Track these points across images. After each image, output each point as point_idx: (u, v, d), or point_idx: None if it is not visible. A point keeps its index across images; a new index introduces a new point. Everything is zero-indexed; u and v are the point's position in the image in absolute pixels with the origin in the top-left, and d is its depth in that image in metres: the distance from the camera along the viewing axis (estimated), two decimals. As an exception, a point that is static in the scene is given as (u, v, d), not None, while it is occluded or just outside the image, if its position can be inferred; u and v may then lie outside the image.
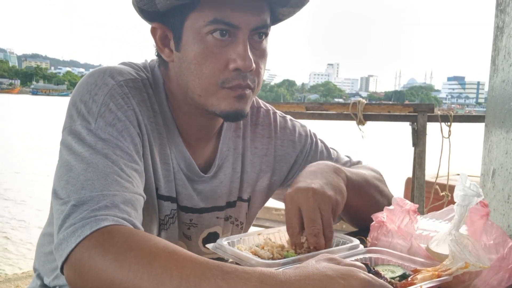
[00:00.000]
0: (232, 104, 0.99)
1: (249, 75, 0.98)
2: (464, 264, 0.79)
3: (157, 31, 1.03)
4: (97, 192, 0.84)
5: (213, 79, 0.97)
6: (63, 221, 0.82)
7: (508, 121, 1.79)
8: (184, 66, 0.99)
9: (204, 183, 1.14)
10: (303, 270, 0.69)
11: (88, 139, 0.91)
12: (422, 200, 3.66)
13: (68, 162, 0.89)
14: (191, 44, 0.97)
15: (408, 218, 1.03)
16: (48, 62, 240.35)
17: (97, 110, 0.94)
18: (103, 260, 0.74)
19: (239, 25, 0.95)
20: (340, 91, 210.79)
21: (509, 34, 1.84)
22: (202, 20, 0.94)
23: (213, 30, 0.94)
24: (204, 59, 0.96)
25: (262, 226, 4.18)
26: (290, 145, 1.25)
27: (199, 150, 1.13)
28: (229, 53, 0.96)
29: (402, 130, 3.81)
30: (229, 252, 0.96)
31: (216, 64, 0.96)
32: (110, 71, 1.01)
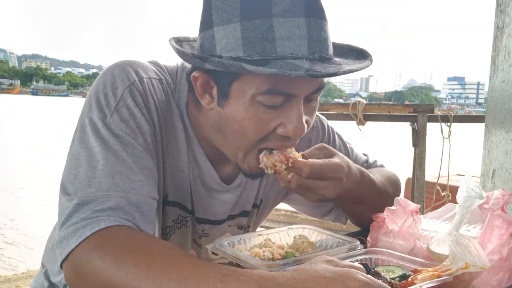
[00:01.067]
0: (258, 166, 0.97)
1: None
2: (464, 265, 0.79)
3: (198, 79, 0.96)
4: (102, 192, 0.83)
5: (254, 141, 0.95)
6: (66, 218, 0.82)
7: (508, 121, 1.79)
8: (225, 123, 0.95)
9: (228, 193, 1.12)
10: (301, 272, 0.69)
11: (102, 132, 0.90)
12: (422, 200, 3.66)
13: (79, 155, 0.89)
14: (240, 106, 0.91)
15: (411, 219, 1.02)
16: (48, 63, 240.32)
17: (114, 104, 0.93)
18: (102, 262, 0.74)
19: (296, 94, 0.90)
20: (340, 91, 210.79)
21: (509, 34, 1.85)
22: (255, 87, 0.88)
23: (268, 100, 0.89)
24: (252, 124, 0.92)
25: (262, 226, 4.17)
26: (306, 143, 1.22)
27: (222, 160, 1.08)
28: (280, 119, 0.91)
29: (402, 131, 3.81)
30: (229, 252, 0.96)
31: (264, 129, 0.93)
32: (136, 66, 0.99)
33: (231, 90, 0.91)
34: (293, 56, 0.85)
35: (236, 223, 1.19)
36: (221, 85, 0.93)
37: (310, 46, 0.86)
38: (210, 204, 1.11)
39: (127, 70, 0.97)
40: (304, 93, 0.91)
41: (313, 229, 1.12)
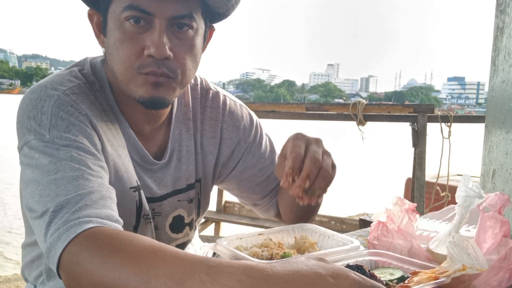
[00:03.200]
0: (149, 91, 0.99)
1: (167, 63, 0.97)
2: (461, 267, 0.79)
3: (93, 17, 1.05)
4: (72, 194, 0.84)
5: (129, 64, 0.97)
6: (47, 229, 0.82)
7: (508, 121, 1.79)
8: (109, 52, 1.01)
9: (161, 170, 1.14)
10: (292, 265, 0.66)
11: (47, 150, 0.90)
12: (422, 200, 3.66)
13: (35, 178, 0.88)
14: (112, 29, 0.98)
15: (407, 218, 1.03)
16: (48, 63, 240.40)
17: (48, 122, 0.93)
18: (91, 264, 0.74)
19: (154, 13, 0.95)
20: (340, 91, 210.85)
21: (509, 34, 1.85)
22: (120, 6, 0.96)
23: (129, 16, 0.95)
24: (121, 44, 0.97)
25: (262, 227, 4.18)
26: (235, 130, 1.24)
27: (152, 138, 1.13)
28: (145, 40, 0.96)
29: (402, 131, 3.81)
30: (227, 252, 0.97)
31: (132, 50, 0.97)
32: (51, 84, 0.99)
33: (108, 17, 0.99)
34: None
35: (186, 197, 1.19)
36: (103, 14, 1.00)
37: None
38: (148, 181, 1.11)
39: (44, 90, 0.98)
40: (164, 14, 0.95)
41: (315, 229, 1.12)
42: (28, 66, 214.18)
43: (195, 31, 1.01)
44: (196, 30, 1.01)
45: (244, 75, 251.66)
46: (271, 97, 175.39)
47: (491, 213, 0.92)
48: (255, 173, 1.26)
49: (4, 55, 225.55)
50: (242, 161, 1.25)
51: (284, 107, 4.24)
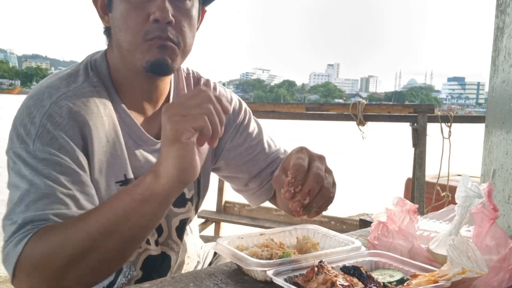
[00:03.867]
0: (156, 54, 1.05)
1: (170, 29, 1.05)
2: (461, 270, 0.78)
3: (97, 1, 1.12)
4: (39, 211, 0.92)
5: (136, 31, 1.04)
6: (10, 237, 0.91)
7: (509, 121, 1.79)
8: (115, 24, 1.08)
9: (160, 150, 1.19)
10: None
11: (29, 161, 0.97)
12: (422, 200, 3.66)
13: (15, 185, 0.97)
14: (118, 3, 1.06)
15: (408, 218, 1.03)
16: (49, 63, 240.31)
17: (34, 132, 0.99)
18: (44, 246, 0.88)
19: None
20: (340, 91, 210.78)
21: (509, 34, 1.85)
22: None
23: None
24: (128, 14, 1.05)
25: (263, 227, 4.18)
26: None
27: (154, 121, 1.19)
28: (149, 7, 1.04)
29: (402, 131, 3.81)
30: (227, 251, 0.97)
31: (138, 17, 1.04)
32: (49, 91, 1.06)
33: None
34: None
35: None
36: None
37: None
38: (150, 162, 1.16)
39: (41, 98, 1.04)
40: None
41: (317, 229, 1.12)
42: (28, 66, 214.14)
43: (192, 3, 1.10)
44: (192, 3, 1.10)
45: (244, 75, 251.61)
46: (271, 97, 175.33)
47: (479, 206, 0.92)
48: (242, 152, 1.31)
49: (4, 55, 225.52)
50: (230, 140, 1.31)
51: (284, 107, 4.24)
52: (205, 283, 0.93)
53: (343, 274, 0.85)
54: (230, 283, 0.94)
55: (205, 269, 1.01)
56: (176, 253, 1.25)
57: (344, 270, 0.86)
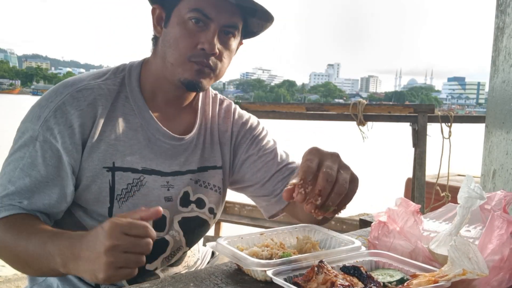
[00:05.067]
0: (193, 75, 1.22)
1: (212, 58, 1.22)
2: (461, 271, 0.78)
3: (156, 11, 1.28)
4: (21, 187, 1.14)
5: (184, 52, 1.21)
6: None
7: (509, 121, 1.79)
8: (166, 40, 1.24)
9: (181, 147, 1.31)
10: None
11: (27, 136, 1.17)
12: (422, 200, 3.66)
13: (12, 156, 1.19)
14: (175, 24, 1.22)
15: (413, 220, 1.02)
16: (49, 63, 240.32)
17: (45, 115, 1.17)
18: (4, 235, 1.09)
19: (213, 18, 1.19)
20: (341, 91, 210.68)
21: (509, 34, 1.84)
22: (187, 7, 1.20)
23: (192, 17, 1.19)
24: (181, 37, 1.21)
25: (263, 227, 4.18)
26: (243, 126, 1.45)
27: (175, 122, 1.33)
28: (200, 37, 1.20)
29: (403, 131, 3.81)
30: (227, 251, 0.97)
31: (189, 42, 1.20)
32: (72, 82, 1.23)
33: (172, 13, 1.23)
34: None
35: (195, 178, 1.33)
36: (168, 11, 1.24)
37: None
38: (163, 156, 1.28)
39: (63, 86, 1.22)
40: (220, 21, 1.20)
41: (317, 229, 1.12)
42: (28, 66, 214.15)
43: (235, 39, 1.27)
44: (235, 39, 1.27)
45: (244, 75, 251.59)
46: (271, 97, 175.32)
47: (499, 213, 0.91)
48: (255, 160, 1.40)
49: (4, 55, 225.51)
50: (246, 151, 1.41)
51: (284, 107, 4.23)
52: (205, 283, 0.93)
53: (343, 274, 0.85)
54: (230, 283, 0.94)
55: (205, 269, 1.02)
56: (176, 242, 1.30)
57: (344, 270, 0.86)
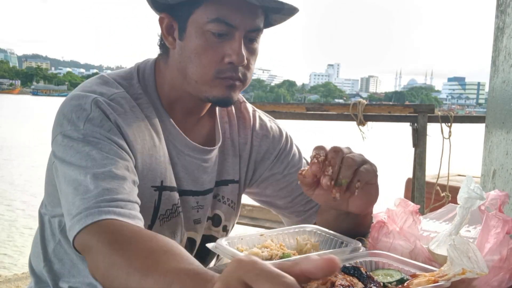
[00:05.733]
0: (223, 92, 1.10)
1: (240, 69, 1.10)
2: (461, 270, 0.78)
3: (164, 20, 1.13)
4: (99, 189, 0.92)
5: (209, 69, 1.08)
6: (73, 211, 0.91)
7: (509, 122, 1.79)
8: (185, 55, 1.10)
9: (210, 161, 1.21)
10: None
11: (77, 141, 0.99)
12: (422, 201, 3.66)
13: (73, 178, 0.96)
14: (193, 36, 1.08)
15: (411, 220, 1.02)
16: (49, 63, 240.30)
17: (85, 116, 1.02)
18: (107, 248, 0.82)
19: (237, 26, 1.06)
20: (341, 91, 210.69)
21: (509, 35, 1.84)
22: (206, 17, 1.06)
23: (215, 29, 1.06)
24: (203, 51, 1.07)
25: (263, 227, 4.18)
26: (264, 139, 1.32)
27: (195, 130, 1.22)
28: (225, 49, 1.07)
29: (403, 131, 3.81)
30: (227, 252, 0.97)
31: (214, 57, 1.07)
32: (96, 87, 1.09)
33: (188, 23, 1.08)
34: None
35: (214, 192, 1.24)
36: (181, 21, 1.10)
37: None
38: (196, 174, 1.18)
39: (87, 94, 1.07)
40: (244, 27, 1.07)
41: (317, 230, 1.12)
42: (28, 66, 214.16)
43: (259, 41, 1.14)
44: (259, 40, 1.14)
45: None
46: (271, 97, 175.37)
47: (494, 213, 0.91)
48: (280, 179, 1.30)
49: (4, 55, 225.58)
50: (270, 169, 1.31)
51: (284, 107, 4.23)
52: (205, 284, 0.93)
53: (343, 274, 0.85)
54: (230, 283, 0.93)
55: (205, 270, 1.01)
56: None
57: (344, 270, 0.86)
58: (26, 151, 14.19)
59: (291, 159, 1.32)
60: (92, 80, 1.15)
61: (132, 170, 1.02)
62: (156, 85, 1.17)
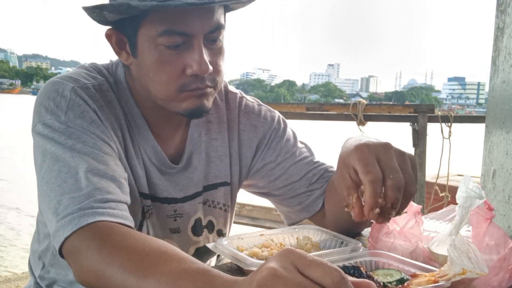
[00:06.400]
0: (194, 103, 1.00)
1: (207, 77, 0.99)
2: (461, 270, 0.78)
3: (111, 36, 1.03)
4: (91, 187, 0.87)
5: (172, 85, 0.98)
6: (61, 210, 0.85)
7: (509, 121, 1.79)
8: (142, 72, 1.01)
9: (178, 174, 1.13)
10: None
11: (59, 132, 0.93)
12: (422, 201, 3.66)
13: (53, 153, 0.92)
14: (146, 51, 0.97)
15: (414, 220, 1.02)
16: (49, 63, 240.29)
17: (65, 104, 0.96)
18: (99, 253, 0.78)
19: (192, 33, 0.95)
20: (341, 91, 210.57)
21: (509, 34, 1.84)
22: (155, 30, 0.94)
23: (167, 42, 0.95)
24: (160, 67, 0.97)
25: (263, 227, 4.18)
26: (252, 129, 1.22)
27: (169, 140, 1.13)
28: (185, 59, 0.96)
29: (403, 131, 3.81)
30: (227, 252, 0.97)
31: (173, 71, 0.97)
32: (75, 75, 1.03)
33: (137, 39, 0.97)
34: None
35: (202, 200, 1.18)
36: (129, 36, 0.99)
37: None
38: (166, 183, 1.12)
39: (66, 79, 1.01)
40: (201, 32, 0.95)
41: (317, 229, 1.12)
42: (28, 66, 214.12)
43: (222, 37, 1.02)
44: (222, 36, 1.01)
45: (244, 75, 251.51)
46: (271, 97, 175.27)
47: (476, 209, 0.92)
48: (274, 167, 1.21)
49: (4, 55, 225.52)
50: (262, 159, 1.22)
51: (284, 107, 4.23)
52: (205, 283, 0.93)
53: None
54: (230, 283, 0.93)
55: (205, 269, 1.01)
56: None
57: (344, 270, 0.86)
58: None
59: (284, 144, 1.22)
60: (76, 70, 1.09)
61: (119, 165, 0.97)
62: (129, 87, 1.09)
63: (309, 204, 1.21)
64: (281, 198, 1.24)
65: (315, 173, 1.20)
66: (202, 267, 0.70)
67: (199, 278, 0.68)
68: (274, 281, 0.59)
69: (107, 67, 1.11)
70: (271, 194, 1.25)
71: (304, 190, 1.20)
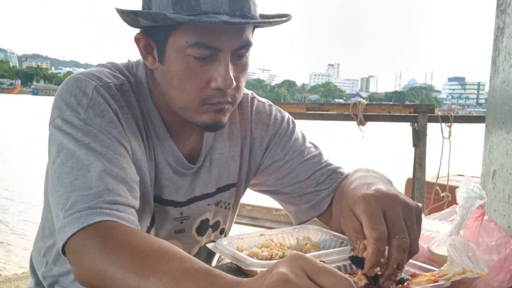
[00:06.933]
0: (212, 117, 1.03)
1: (229, 92, 1.01)
2: (461, 270, 0.78)
3: (140, 40, 1.04)
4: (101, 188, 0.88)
5: (195, 96, 1.00)
6: (70, 208, 0.86)
7: (509, 121, 1.79)
8: (166, 80, 1.02)
9: (194, 174, 1.16)
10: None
11: (77, 128, 0.95)
12: (422, 200, 3.66)
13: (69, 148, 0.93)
14: (174, 60, 0.99)
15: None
16: (49, 62, 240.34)
17: (87, 102, 0.98)
18: (101, 252, 0.79)
19: (221, 48, 0.97)
20: (341, 91, 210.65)
21: (509, 34, 1.84)
22: (185, 41, 0.96)
23: (196, 54, 0.97)
24: (186, 77, 0.99)
25: (263, 227, 4.17)
26: (263, 128, 1.26)
27: (186, 141, 1.15)
28: (210, 72, 0.98)
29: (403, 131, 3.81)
30: (227, 251, 0.97)
31: (198, 83, 0.99)
32: (98, 73, 1.05)
33: (166, 46, 0.99)
34: (215, 11, 0.93)
35: (214, 201, 1.20)
36: (159, 43, 1.01)
37: (231, 4, 0.94)
38: (179, 185, 1.13)
39: (87, 77, 1.03)
40: (230, 48, 0.98)
41: (317, 230, 1.12)
42: (28, 66, 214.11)
43: (249, 54, 1.04)
44: (249, 53, 1.04)
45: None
46: (271, 97, 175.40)
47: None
48: (281, 165, 1.23)
49: (4, 55, 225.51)
50: (270, 157, 1.24)
51: (284, 107, 4.22)
52: (205, 283, 0.93)
53: (345, 271, 0.85)
54: (230, 283, 0.93)
55: (205, 269, 1.01)
56: None
57: (352, 259, 0.86)
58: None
59: (292, 143, 1.24)
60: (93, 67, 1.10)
61: (132, 168, 0.98)
62: (150, 90, 1.10)
63: (316, 203, 1.22)
64: (288, 196, 1.25)
65: (323, 173, 1.22)
66: (204, 267, 0.71)
67: (201, 277, 0.69)
68: (285, 286, 0.61)
69: (127, 67, 1.13)
70: (279, 192, 1.27)
71: (312, 190, 1.22)
